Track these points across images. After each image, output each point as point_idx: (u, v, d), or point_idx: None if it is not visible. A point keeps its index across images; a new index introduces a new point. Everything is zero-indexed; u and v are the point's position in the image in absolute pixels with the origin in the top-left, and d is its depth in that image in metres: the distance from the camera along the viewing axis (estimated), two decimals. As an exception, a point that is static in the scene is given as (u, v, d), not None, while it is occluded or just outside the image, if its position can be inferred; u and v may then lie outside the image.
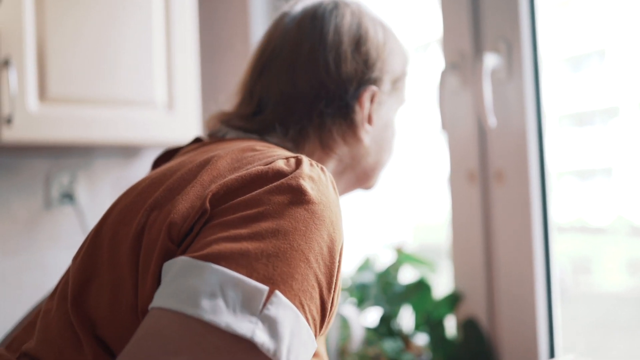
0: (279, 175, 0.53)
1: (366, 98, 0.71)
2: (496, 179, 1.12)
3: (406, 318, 1.26)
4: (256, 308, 0.45)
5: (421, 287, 1.21)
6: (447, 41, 1.18)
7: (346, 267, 1.33)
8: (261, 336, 0.44)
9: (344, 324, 1.26)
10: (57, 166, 1.50)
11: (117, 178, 1.58)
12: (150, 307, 0.47)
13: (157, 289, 0.49)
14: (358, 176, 0.77)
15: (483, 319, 1.15)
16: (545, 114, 1.08)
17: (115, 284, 0.53)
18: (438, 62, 1.23)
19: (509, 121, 1.09)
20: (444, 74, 1.15)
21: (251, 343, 0.44)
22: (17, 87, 1.18)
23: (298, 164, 0.55)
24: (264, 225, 0.49)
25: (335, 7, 0.73)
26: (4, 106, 1.16)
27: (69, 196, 1.49)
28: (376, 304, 1.25)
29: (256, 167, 0.54)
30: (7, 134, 1.17)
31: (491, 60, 1.07)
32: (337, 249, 0.53)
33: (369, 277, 1.31)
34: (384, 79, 0.73)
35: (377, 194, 0.84)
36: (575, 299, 1.26)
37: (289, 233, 0.49)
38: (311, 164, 0.56)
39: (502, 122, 1.09)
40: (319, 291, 0.50)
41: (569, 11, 1.23)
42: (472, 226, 1.16)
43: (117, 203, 0.59)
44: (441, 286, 1.31)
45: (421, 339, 1.23)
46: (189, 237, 0.51)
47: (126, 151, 1.59)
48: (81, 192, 1.52)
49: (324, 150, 0.71)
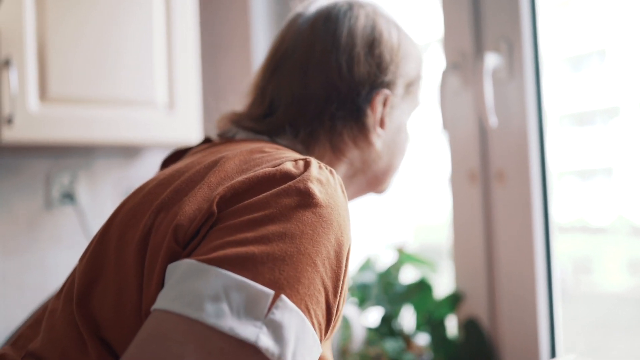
0: (286, 177, 0.52)
1: (379, 101, 0.70)
2: (497, 178, 1.12)
3: (407, 318, 1.26)
4: (261, 312, 0.45)
5: (422, 287, 1.21)
6: (448, 41, 1.18)
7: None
8: (265, 341, 0.44)
9: (345, 324, 1.26)
10: (58, 166, 1.50)
11: (117, 178, 1.57)
12: (153, 308, 0.47)
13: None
14: (369, 180, 0.76)
15: (484, 318, 1.15)
16: (546, 113, 1.08)
17: (120, 285, 0.52)
18: (439, 62, 1.23)
19: (510, 121, 1.09)
20: (444, 74, 1.15)
21: (255, 347, 0.44)
22: (18, 87, 1.17)
23: (306, 166, 0.54)
24: (271, 228, 0.49)
25: (349, 9, 0.72)
26: (5, 106, 1.16)
27: (69, 196, 1.49)
28: (377, 304, 1.25)
29: (264, 169, 0.53)
30: (8, 134, 1.17)
31: (492, 60, 1.07)
32: (344, 253, 0.52)
33: (370, 277, 1.31)
34: (397, 82, 0.72)
35: (381, 195, 0.84)
36: (576, 298, 1.26)
37: (296, 236, 0.49)
38: (320, 167, 0.55)
39: (503, 122, 1.09)
40: (325, 296, 0.49)
41: (569, 11, 1.23)
42: (473, 226, 1.16)
43: (125, 204, 0.59)
44: (442, 286, 1.31)
45: (422, 339, 1.23)
46: (195, 240, 0.50)
47: (127, 151, 1.59)
48: (82, 192, 1.52)
49: (334, 153, 0.70)
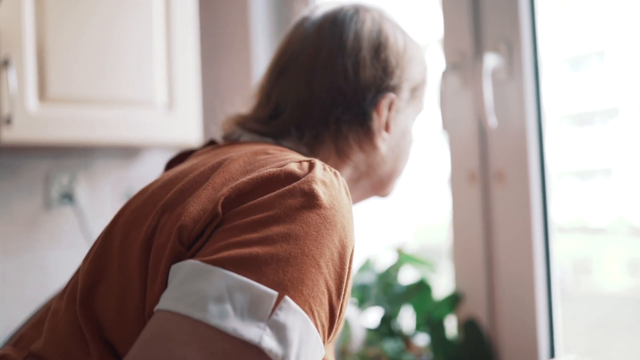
0: (291, 178, 0.52)
1: (384, 105, 0.70)
2: (496, 179, 1.12)
3: (407, 318, 1.26)
4: (264, 313, 0.45)
5: (422, 288, 1.21)
6: (448, 41, 1.18)
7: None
8: (269, 342, 0.44)
9: (345, 324, 1.26)
10: (57, 166, 1.50)
11: (117, 178, 1.57)
12: (157, 308, 0.47)
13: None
14: (374, 184, 0.76)
15: (483, 319, 1.15)
16: (546, 114, 1.08)
17: (124, 286, 0.52)
18: (439, 63, 1.23)
19: (509, 121, 1.09)
20: (444, 74, 1.15)
21: (259, 349, 0.44)
22: (17, 87, 1.17)
23: (311, 167, 0.54)
24: (275, 229, 0.49)
25: (355, 13, 0.72)
26: (4, 106, 1.16)
27: (68, 197, 1.49)
28: (377, 304, 1.25)
29: (268, 170, 0.53)
30: (7, 135, 1.17)
31: (491, 61, 1.07)
32: (348, 255, 0.52)
33: (369, 278, 1.30)
34: (402, 86, 0.72)
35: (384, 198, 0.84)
36: (575, 299, 1.26)
37: (300, 238, 0.49)
38: (324, 168, 0.55)
39: (502, 123, 1.09)
40: (329, 297, 0.49)
41: (568, 12, 1.23)
42: (473, 226, 1.16)
43: (129, 205, 0.59)
44: (442, 286, 1.31)
45: (422, 340, 1.23)
46: (200, 241, 0.50)
47: (126, 152, 1.59)
48: (81, 193, 1.52)
49: (339, 156, 0.70)
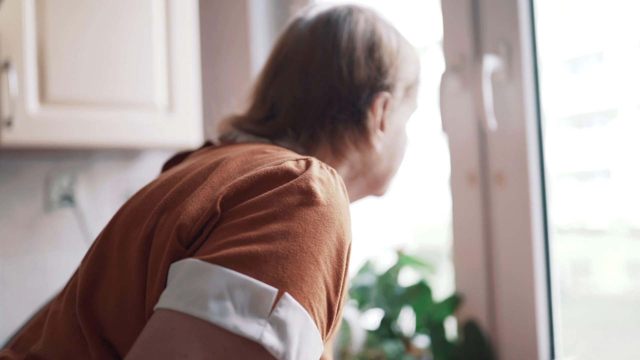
0: (288, 175, 0.53)
1: (379, 104, 0.71)
2: (496, 181, 1.12)
3: (407, 320, 1.26)
4: (265, 310, 0.45)
5: (422, 289, 1.21)
6: (447, 43, 1.18)
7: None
8: (270, 338, 0.44)
9: (345, 326, 1.26)
10: (57, 169, 1.50)
11: (117, 180, 1.57)
12: (156, 307, 0.47)
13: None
14: (369, 183, 0.77)
15: (483, 320, 1.15)
16: (545, 115, 1.08)
17: (123, 285, 0.52)
18: (438, 64, 1.23)
19: (509, 123, 1.09)
20: (444, 76, 1.15)
21: (260, 345, 0.44)
22: (18, 89, 1.18)
23: (308, 165, 0.55)
24: (274, 227, 0.49)
25: (349, 14, 0.73)
26: (4, 108, 1.16)
27: (68, 199, 1.49)
28: (377, 306, 1.25)
29: (265, 168, 0.53)
30: (7, 137, 1.17)
31: (491, 63, 1.07)
32: (345, 252, 0.52)
33: (369, 279, 1.31)
34: (396, 85, 0.73)
35: (381, 198, 0.84)
36: (574, 300, 1.26)
37: (298, 235, 0.49)
38: (321, 166, 0.56)
39: (502, 124, 1.10)
40: (327, 294, 0.49)
41: (567, 13, 1.23)
42: (473, 228, 1.16)
43: (127, 205, 0.59)
44: (442, 288, 1.31)
45: (422, 341, 1.23)
46: (199, 240, 0.51)
47: (126, 154, 1.59)
48: (81, 195, 1.52)
49: (335, 155, 0.71)
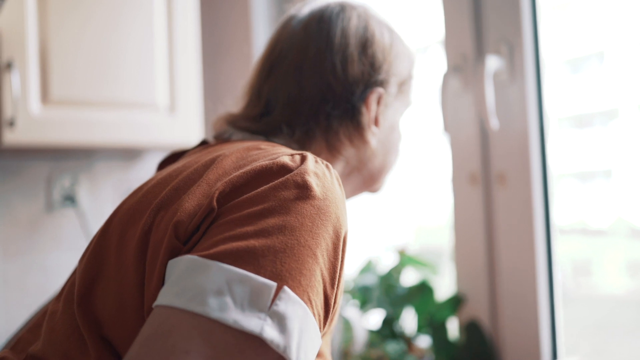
0: (283, 170, 0.53)
1: (373, 100, 0.71)
2: (498, 181, 1.12)
3: (409, 320, 1.26)
4: (264, 304, 0.45)
5: (423, 289, 1.21)
6: (449, 43, 1.19)
7: (348, 269, 1.33)
8: (270, 332, 0.44)
9: (347, 326, 1.26)
10: (59, 169, 1.50)
11: (118, 180, 1.57)
12: (155, 304, 0.47)
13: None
14: (365, 179, 0.77)
15: (485, 321, 1.15)
16: (547, 116, 1.09)
17: (121, 283, 0.52)
18: (440, 65, 1.23)
19: (511, 123, 1.09)
20: (446, 76, 1.15)
21: (260, 339, 0.44)
22: (20, 89, 1.18)
23: (303, 159, 0.55)
24: (270, 221, 0.49)
25: (342, 10, 0.73)
26: (7, 109, 1.16)
27: (70, 199, 1.49)
28: (379, 306, 1.25)
29: (260, 163, 0.54)
30: (10, 137, 1.17)
31: (493, 63, 1.07)
32: (341, 245, 0.53)
33: (371, 280, 1.31)
34: (390, 81, 0.73)
35: (379, 196, 0.84)
36: (576, 301, 1.26)
37: (295, 229, 0.49)
38: (316, 161, 0.56)
39: (504, 124, 1.10)
40: (324, 287, 0.50)
41: (568, 13, 1.23)
42: (474, 228, 1.17)
43: (123, 204, 0.59)
44: (443, 288, 1.32)
45: (424, 341, 1.23)
46: (196, 236, 0.51)
47: (128, 154, 1.59)
48: (83, 195, 1.52)
49: (330, 151, 0.71)
